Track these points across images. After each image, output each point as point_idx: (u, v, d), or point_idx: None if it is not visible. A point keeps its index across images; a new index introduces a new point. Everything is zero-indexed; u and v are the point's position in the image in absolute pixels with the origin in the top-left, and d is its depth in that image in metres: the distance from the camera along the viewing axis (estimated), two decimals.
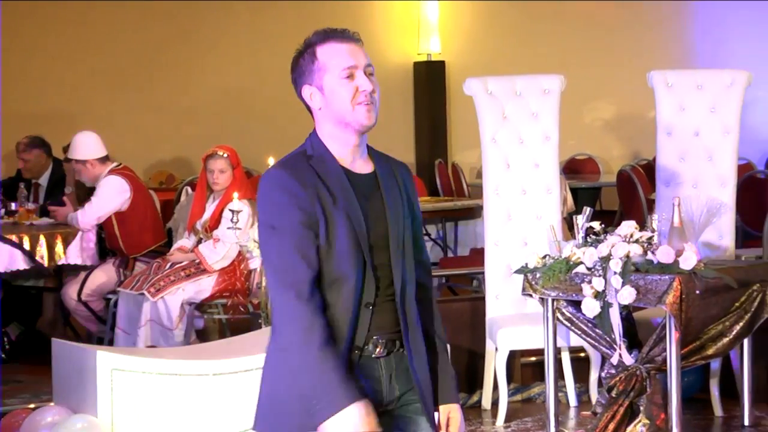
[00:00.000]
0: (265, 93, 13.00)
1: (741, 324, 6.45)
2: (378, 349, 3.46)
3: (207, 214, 8.22)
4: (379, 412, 3.49)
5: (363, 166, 3.50)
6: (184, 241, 8.33)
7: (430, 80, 13.33)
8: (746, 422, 6.88)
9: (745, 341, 6.69)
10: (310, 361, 3.30)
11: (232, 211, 7.87)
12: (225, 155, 8.21)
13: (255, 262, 8.00)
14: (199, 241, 8.21)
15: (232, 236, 7.97)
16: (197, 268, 8.10)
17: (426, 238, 10.49)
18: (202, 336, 8.38)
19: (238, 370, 6.18)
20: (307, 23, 14.28)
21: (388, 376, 3.49)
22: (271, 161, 7.52)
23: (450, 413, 3.61)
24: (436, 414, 3.58)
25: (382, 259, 3.44)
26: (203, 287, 8.09)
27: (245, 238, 7.82)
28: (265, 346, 3.51)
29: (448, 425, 3.61)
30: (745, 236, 9.42)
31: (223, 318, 8.26)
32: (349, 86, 3.42)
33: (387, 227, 3.45)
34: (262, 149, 10.22)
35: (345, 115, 3.43)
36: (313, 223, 3.36)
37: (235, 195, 7.95)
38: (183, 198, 9.21)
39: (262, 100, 12.99)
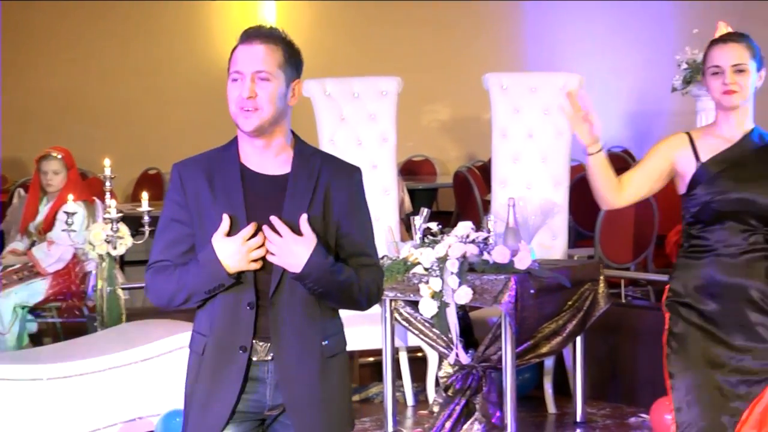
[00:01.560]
0: (101, 94, 12.82)
1: (574, 322, 6.59)
2: (261, 352, 3.47)
3: (40, 217, 8.07)
4: (255, 416, 3.52)
5: (275, 168, 3.51)
6: (17, 244, 8.17)
7: None
8: (579, 418, 7.02)
9: (578, 339, 6.83)
10: (171, 283, 3.49)
11: (67, 213, 7.73)
12: (59, 156, 8.07)
13: (90, 265, 7.88)
14: (33, 244, 8.06)
15: (67, 238, 7.84)
16: (30, 271, 7.95)
17: None
18: (36, 340, 8.22)
19: (73, 374, 6.09)
20: (144, 23, 14.14)
21: (275, 381, 3.48)
22: (108, 162, 7.43)
23: (305, 226, 3.41)
24: None
25: (265, 261, 3.45)
26: (37, 290, 7.94)
27: (80, 240, 7.70)
28: (103, 349, 3.52)
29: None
30: (578, 236, 9.61)
31: (58, 321, 8.12)
32: (234, 90, 3.46)
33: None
34: (98, 150, 10.07)
35: (232, 117, 3.49)
36: (184, 217, 3.51)
37: (70, 197, 7.82)
38: (15, 200, 9.03)
39: (97, 101, 12.80)
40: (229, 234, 3.43)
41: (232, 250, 3.40)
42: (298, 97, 3.56)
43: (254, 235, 3.42)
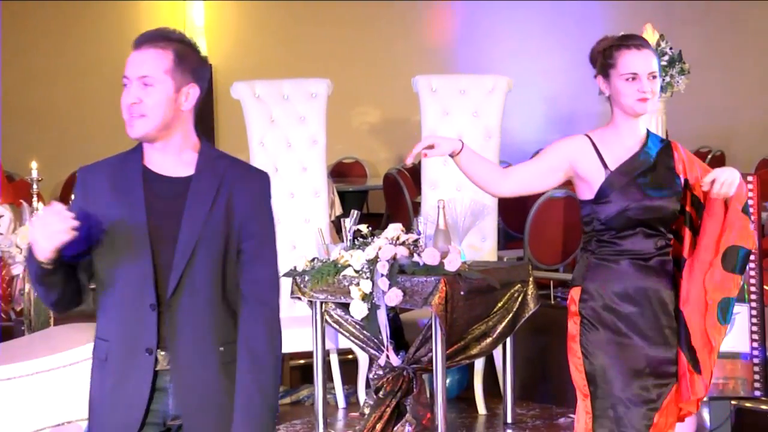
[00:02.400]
0: (28, 96, 12.69)
1: (504, 323, 6.62)
2: (162, 361, 3.42)
3: None
4: (158, 426, 3.45)
5: (179, 170, 3.46)
6: None
7: None
8: (509, 419, 7.06)
9: (508, 340, 6.86)
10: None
11: None
12: None
13: (18, 268, 7.80)
14: None
15: None
16: None
17: None
18: None
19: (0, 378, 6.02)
20: (72, 24, 13.98)
21: (177, 389, 3.43)
22: (34, 165, 7.36)
23: None
24: None
25: (168, 262, 3.39)
26: None
27: (7, 243, 7.61)
28: (30, 353, 3.46)
29: None
30: (507, 238, 9.66)
31: None
32: (123, 97, 3.42)
33: (178, 231, 3.40)
34: (25, 153, 9.97)
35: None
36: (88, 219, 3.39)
37: None
38: None
39: (24, 103, 12.67)
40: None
41: (40, 223, 3.28)
42: (193, 102, 3.47)
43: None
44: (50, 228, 3.24)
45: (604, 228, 4.32)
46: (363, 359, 7.32)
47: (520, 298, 6.69)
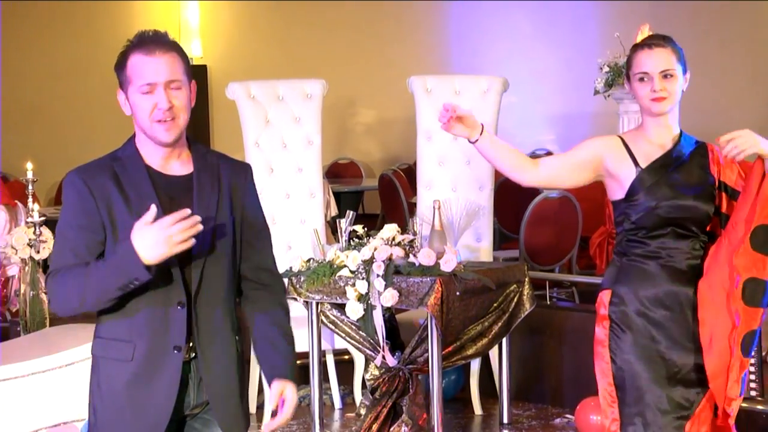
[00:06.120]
0: (21, 96, 12.68)
1: (499, 324, 6.62)
2: (186, 351, 3.49)
3: None
4: (176, 416, 3.52)
5: (180, 168, 3.52)
6: None
7: None
8: (505, 420, 7.06)
9: (504, 341, 6.87)
10: (75, 281, 3.39)
11: None
12: None
13: (14, 269, 7.80)
14: None
15: None
16: None
17: None
18: None
19: None
20: (67, 24, 13.95)
21: (198, 379, 3.52)
22: (30, 166, 7.36)
23: (284, 391, 3.59)
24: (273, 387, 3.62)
25: (186, 260, 3.45)
26: None
27: (2, 244, 7.62)
28: (26, 354, 3.47)
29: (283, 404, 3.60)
30: (502, 238, 9.67)
31: None
32: (148, 102, 3.42)
33: None
34: (20, 154, 9.97)
35: (145, 129, 3.46)
36: (94, 225, 3.42)
37: None
38: None
39: (18, 104, 12.66)
40: None
41: (154, 237, 3.31)
42: (194, 99, 3.55)
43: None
44: (171, 241, 3.31)
45: (635, 227, 4.26)
46: (359, 360, 7.33)
47: (515, 299, 6.69)
